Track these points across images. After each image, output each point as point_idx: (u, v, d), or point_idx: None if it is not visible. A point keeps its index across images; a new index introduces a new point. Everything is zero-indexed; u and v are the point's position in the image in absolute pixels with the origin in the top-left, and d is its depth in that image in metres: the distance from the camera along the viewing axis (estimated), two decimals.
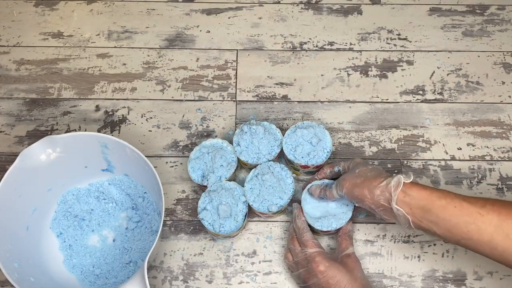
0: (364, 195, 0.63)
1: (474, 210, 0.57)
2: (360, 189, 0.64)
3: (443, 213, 0.58)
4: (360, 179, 0.64)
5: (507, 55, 0.91)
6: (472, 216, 0.57)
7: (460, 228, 0.57)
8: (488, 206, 0.57)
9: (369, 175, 0.64)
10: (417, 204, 0.60)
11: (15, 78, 0.88)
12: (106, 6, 0.96)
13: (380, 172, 0.65)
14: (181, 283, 0.73)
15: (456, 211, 0.58)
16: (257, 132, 0.75)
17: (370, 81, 0.88)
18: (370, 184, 0.63)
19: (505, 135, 0.84)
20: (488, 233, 0.56)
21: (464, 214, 0.57)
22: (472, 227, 0.57)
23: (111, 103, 0.86)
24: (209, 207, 0.71)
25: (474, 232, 0.57)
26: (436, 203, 0.59)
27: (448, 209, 0.58)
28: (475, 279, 0.73)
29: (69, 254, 0.74)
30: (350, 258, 0.68)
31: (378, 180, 0.63)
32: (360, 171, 0.66)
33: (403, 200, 0.61)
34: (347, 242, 0.70)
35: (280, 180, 0.73)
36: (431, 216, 0.59)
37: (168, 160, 0.82)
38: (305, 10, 0.95)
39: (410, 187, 0.61)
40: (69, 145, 0.70)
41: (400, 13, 0.95)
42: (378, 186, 0.62)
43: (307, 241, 0.68)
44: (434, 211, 0.59)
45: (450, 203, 0.58)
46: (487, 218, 0.56)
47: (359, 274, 0.66)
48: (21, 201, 0.70)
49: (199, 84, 0.88)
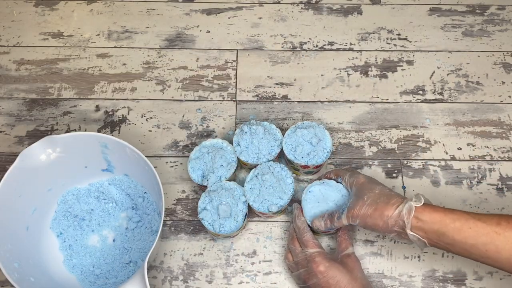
0: (377, 225, 0.63)
1: (490, 229, 0.57)
2: (373, 220, 0.63)
3: (458, 236, 0.58)
4: (371, 208, 0.63)
5: (507, 55, 0.91)
6: (489, 236, 0.57)
7: (478, 248, 0.57)
8: (503, 223, 0.57)
9: (379, 202, 0.63)
10: (431, 228, 0.60)
11: (15, 78, 0.88)
12: (106, 6, 0.96)
13: (389, 196, 0.64)
14: (181, 283, 0.73)
15: (472, 232, 0.57)
16: (257, 132, 0.75)
17: (370, 81, 0.88)
18: (382, 213, 0.62)
19: (505, 135, 0.84)
20: (507, 251, 0.56)
21: (481, 234, 0.57)
22: (490, 247, 0.57)
23: (111, 103, 0.86)
24: (209, 207, 0.71)
25: (492, 251, 0.57)
26: (450, 226, 0.58)
27: (464, 231, 0.58)
28: (475, 279, 0.73)
29: (69, 254, 0.74)
30: (350, 258, 0.68)
31: (389, 208, 0.62)
32: (368, 198, 0.64)
33: (417, 226, 0.60)
34: (347, 242, 0.70)
35: (280, 180, 0.73)
36: (446, 238, 0.59)
37: (168, 160, 0.82)
38: (305, 10, 0.95)
39: (421, 211, 0.60)
40: (69, 145, 0.70)
41: (400, 13, 0.95)
42: (391, 215, 0.62)
43: (307, 241, 0.68)
44: (449, 234, 0.59)
45: (464, 224, 0.58)
46: (504, 236, 0.56)
47: (359, 274, 0.66)
48: (21, 201, 0.70)
49: (199, 84, 0.88)
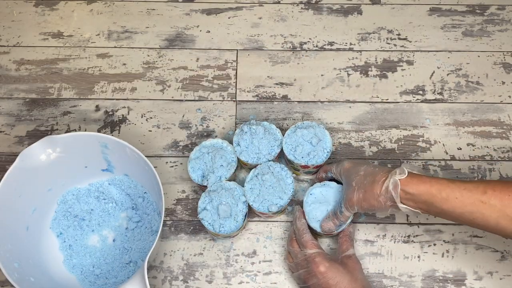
0: (373, 205, 0.64)
1: (475, 198, 0.57)
2: (367, 202, 0.64)
3: (446, 205, 0.59)
4: (361, 192, 0.64)
5: (507, 55, 0.91)
6: (475, 205, 0.57)
7: (465, 217, 0.58)
8: (489, 191, 0.57)
9: (366, 184, 0.64)
10: (419, 199, 0.60)
11: (15, 78, 0.88)
12: (106, 6, 0.96)
13: (374, 174, 0.65)
14: (181, 283, 0.73)
15: (458, 202, 0.58)
16: (257, 132, 0.75)
17: (370, 81, 0.88)
18: (372, 193, 0.63)
19: (505, 135, 0.84)
20: (493, 219, 0.57)
21: (467, 204, 0.58)
22: (477, 215, 0.57)
23: (111, 103, 0.86)
24: (209, 207, 0.71)
25: (479, 219, 0.58)
26: (437, 196, 0.59)
27: (450, 201, 0.59)
28: (475, 279, 0.73)
29: (69, 254, 0.74)
30: (351, 259, 0.68)
31: (376, 186, 0.63)
32: (356, 183, 0.66)
33: (406, 198, 0.61)
34: (348, 244, 0.70)
35: (280, 180, 0.73)
36: (435, 208, 0.60)
37: (168, 160, 0.82)
38: (305, 10, 0.95)
39: (407, 183, 0.61)
40: (69, 145, 0.70)
41: (400, 13, 0.95)
42: (380, 193, 0.62)
43: (307, 242, 0.68)
44: (437, 204, 0.59)
45: (450, 194, 0.59)
46: (489, 205, 0.57)
47: (359, 275, 0.66)
48: (21, 201, 0.70)
49: (199, 84, 0.88)
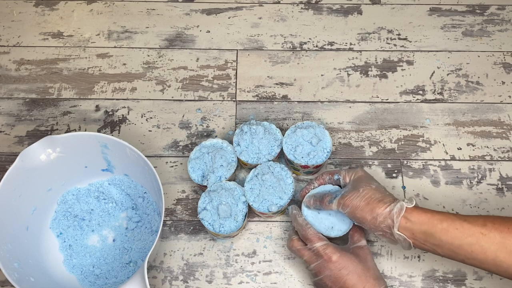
0: (365, 218, 0.63)
1: (475, 230, 0.58)
2: (362, 213, 0.63)
3: (445, 236, 0.59)
4: (363, 201, 0.64)
5: (507, 55, 0.91)
6: (475, 237, 0.58)
7: (464, 249, 0.58)
8: (489, 224, 0.58)
9: (373, 198, 0.64)
10: (419, 229, 0.60)
11: (15, 78, 0.88)
12: (106, 6, 0.96)
13: (384, 195, 0.64)
14: (181, 283, 0.73)
15: (458, 233, 0.58)
16: (257, 132, 0.75)
17: (370, 81, 0.88)
18: (373, 209, 0.63)
19: (505, 135, 0.84)
20: (492, 252, 0.57)
21: (467, 235, 0.58)
22: (475, 247, 0.57)
23: (111, 103, 0.86)
24: (209, 207, 0.71)
25: (478, 252, 0.58)
26: (438, 227, 0.59)
27: (450, 232, 0.59)
28: (475, 279, 0.73)
29: (69, 254, 0.74)
30: (363, 249, 0.67)
31: (381, 205, 0.63)
32: (364, 191, 0.65)
33: (405, 226, 0.61)
34: (359, 235, 0.69)
35: (280, 180, 0.73)
36: (434, 239, 0.60)
37: (168, 160, 0.82)
38: (305, 10, 0.95)
39: (411, 212, 0.61)
40: (69, 145, 0.70)
41: (400, 13, 0.95)
42: (381, 212, 0.62)
43: (312, 235, 0.67)
44: (437, 235, 0.59)
45: (451, 225, 0.59)
46: (489, 237, 0.57)
47: (371, 265, 0.66)
48: (21, 201, 0.70)
49: (199, 84, 0.88)
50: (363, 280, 0.63)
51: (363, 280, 0.63)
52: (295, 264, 0.74)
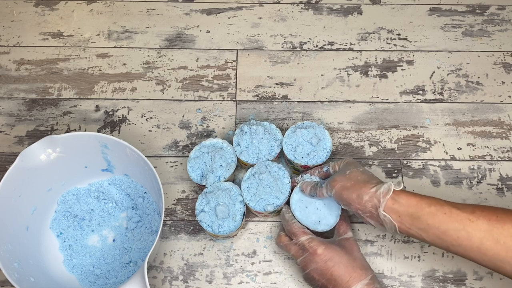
0: (352, 199, 0.63)
1: (464, 216, 0.57)
2: (349, 193, 0.64)
3: (432, 220, 0.58)
4: (350, 182, 0.64)
5: (507, 55, 0.91)
6: (462, 223, 0.57)
7: (450, 234, 0.58)
8: (477, 212, 0.57)
9: (359, 179, 0.64)
10: (406, 211, 0.60)
11: (15, 78, 0.89)
12: (106, 6, 0.96)
13: (371, 177, 0.65)
14: (181, 283, 0.73)
15: (446, 217, 0.58)
16: (257, 132, 0.75)
17: (370, 81, 0.88)
18: (359, 188, 0.63)
19: (505, 135, 0.84)
20: (478, 239, 0.56)
21: (454, 220, 0.57)
22: (462, 234, 0.57)
23: (111, 103, 0.86)
24: (206, 208, 0.71)
25: (464, 238, 0.57)
26: (425, 210, 0.59)
27: (438, 216, 0.58)
28: (475, 279, 0.73)
29: (69, 254, 0.74)
30: (348, 241, 0.68)
31: (368, 185, 0.63)
32: (351, 174, 0.65)
33: (392, 207, 0.61)
34: (345, 227, 0.69)
35: (277, 180, 0.73)
36: (420, 223, 0.59)
37: (168, 160, 0.82)
38: (305, 10, 0.95)
39: (399, 194, 0.61)
40: (69, 145, 0.70)
41: (400, 13, 0.95)
42: (367, 192, 0.62)
43: (297, 230, 0.68)
44: (423, 218, 0.59)
45: (439, 209, 0.58)
46: (477, 224, 0.56)
47: (358, 255, 0.66)
48: (21, 201, 0.70)
49: (199, 84, 0.88)
50: (349, 270, 0.64)
51: (349, 270, 0.64)
52: (295, 264, 0.74)
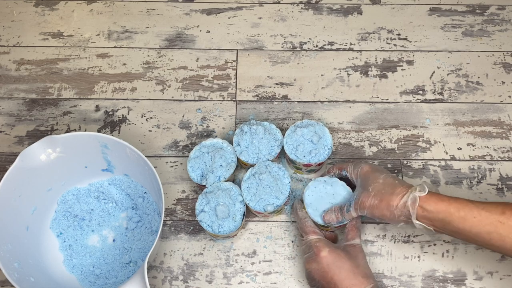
0: (384, 215, 0.64)
1: (494, 218, 0.58)
2: (380, 211, 0.64)
3: (463, 225, 0.59)
4: (377, 199, 0.64)
5: (507, 55, 0.91)
6: (493, 225, 0.58)
7: (482, 237, 0.59)
8: (507, 212, 0.58)
9: (384, 193, 0.64)
10: (436, 217, 0.61)
11: (15, 78, 0.88)
12: (106, 6, 0.96)
13: (394, 186, 0.65)
14: (181, 283, 0.73)
15: (476, 221, 0.59)
16: (257, 132, 0.75)
17: (370, 81, 0.88)
18: (388, 204, 0.63)
19: (505, 135, 0.84)
20: (510, 240, 0.57)
21: (485, 224, 0.58)
22: (494, 236, 0.58)
23: (111, 103, 0.86)
24: (206, 208, 0.71)
25: (496, 239, 0.58)
26: (455, 215, 0.60)
27: (468, 220, 0.59)
28: (475, 279, 0.73)
29: (69, 254, 0.74)
30: (355, 248, 0.68)
31: (394, 199, 0.63)
32: (373, 189, 0.65)
33: (422, 215, 0.62)
34: (354, 233, 0.70)
35: (277, 180, 0.73)
36: (452, 227, 0.60)
37: (168, 160, 0.82)
38: (305, 10, 0.95)
39: (426, 200, 0.61)
40: (69, 145, 0.70)
41: (400, 13, 0.95)
42: (396, 206, 0.63)
43: (308, 228, 0.70)
44: (454, 224, 0.60)
45: (468, 213, 0.59)
46: (508, 226, 0.57)
47: (361, 263, 0.66)
48: (21, 201, 0.70)
49: (199, 84, 0.88)
50: (350, 277, 0.64)
51: (350, 277, 0.64)
52: (295, 264, 0.74)
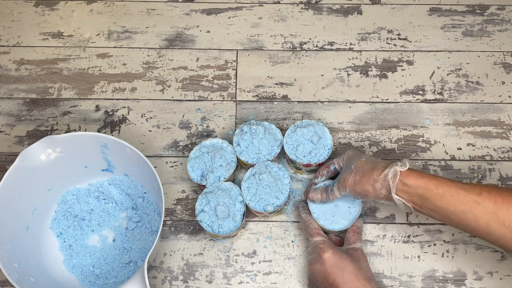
0: (367, 190, 0.64)
1: (470, 198, 0.58)
2: (361, 186, 0.65)
3: (440, 202, 0.60)
4: (358, 175, 0.65)
5: (507, 55, 0.91)
6: (469, 205, 0.58)
7: (457, 215, 0.59)
8: (484, 193, 0.58)
9: (365, 168, 0.65)
10: (415, 192, 0.61)
11: (15, 78, 0.88)
12: (106, 6, 0.96)
13: (376, 162, 0.66)
14: (181, 283, 0.73)
15: (453, 200, 0.59)
16: (257, 132, 0.75)
17: (370, 81, 0.88)
18: (369, 178, 0.64)
19: (505, 135, 0.84)
20: (484, 221, 0.57)
21: (461, 202, 0.58)
22: (468, 215, 0.58)
23: (111, 103, 0.86)
24: (206, 208, 0.71)
25: (470, 219, 0.58)
26: (434, 192, 0.60)
27: (445, 198, 0.59)
28: (475, 279, 0.73)
29: (69, 254, 0.74)
30: (357, 251, 0.69)
31: (376, 172, 0.64)
32: (356, 166, 0.66)
33: (402, 189, 0.62)
34: (355, 237, 0.71)
35: (277, 180, 0.73)
36: (429, 204, 0.61)
37: (168, 160, 0.82)
38: (305, 10, 0.95)
39: (407, 175, 0.62)
40: (69, 145, 0.70)
41: (400, 13, 0.95)
42: (377, 179, 0.63)
43: (312, 230, 0.71)
44: (432, 200, 0.60)
45: (447, 191, 0.59)
46: (483, 206, 0.57)
47: (364, 265, 0.67)
48: (21, 201, 0.70)
49: (199, 84, 0.88)
50: (352, 279, 0.64)
51: (352, 279, 0.64)
52: (295, 264, 0.74)
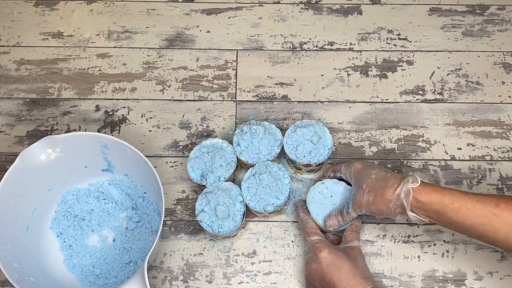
0: (381, 210, 0.64)
1: (488, 211, 0.57)
2: (376, 206, 0.65)
3: (457, 216, 0.59)
4: (371, 195, 0.65)
5: (507, 55, 0.91)
6: (487, 217, 0.57)
7: (475, 228, 0.58)
8: (502, 205, 0.57)
9: (377, 188, 0.64)
10: (430, 208, 0.61)
11: (15, 78, 0.88)
12: (106, 6, 0.96)
13: (386, 179, 0.65)
14: (181, 283, 0.73)
15: (470, 213, 0.58)
16: (257, 132, 0.75)
17: (370, 81, 0.88)
18: (383, 199, 0.64)
19: (505, 135, 0.83)
20: (504, 232, 0.57)
21: (478, 216, 0.58)
22: (487, 228, 0.57)
23: (111, 103, 0.86)
24: (206, 208, 0.71)
25: (489, 232, 0.58)
26: (449, 207, 0.59)
27: (462, 212, 0.59)
28: (475, 279, 0.73)
29: (69, 254, 0.74)
30: (354, 249, 0.69)
31: (388, 192, 0.63)
32: (367, 185, 0.66)
33: (416, 206, 0.62)
34: (353, 236, 0.70)
35: (277, 180, 0.73)
36: (446, 218, 0.60)
37: (168, 160, 0.82)
38: (305, 10, 0.95)
39: (420, 192, 0.61)
40: (69, 145, 0.70)
41: (400, 13, 0.95)
42: (390, 200, 0.63)
43: (310, 229, 0.71)
44: (448, 215, 0.60)
45: (462, 205, 0.59)
46: (502, 218, 0.57)
47: (361, 264, 0.67)
48: (21, 201, 0.70)
49: (199, 84, 0.88)
50: (349, 277, 0.64)
51: (349, 277, 0.64)
52: (295, 264, 0.74)
